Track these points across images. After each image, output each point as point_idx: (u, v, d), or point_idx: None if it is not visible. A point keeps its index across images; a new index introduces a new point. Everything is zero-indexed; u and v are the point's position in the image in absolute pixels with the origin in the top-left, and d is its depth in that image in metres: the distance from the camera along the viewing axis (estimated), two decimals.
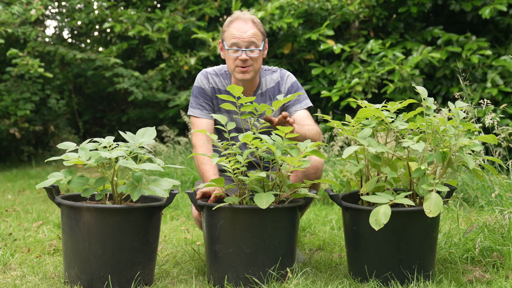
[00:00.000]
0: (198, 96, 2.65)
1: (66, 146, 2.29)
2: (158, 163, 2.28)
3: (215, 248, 2.21)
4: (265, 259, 2.18)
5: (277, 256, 2.19)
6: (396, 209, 2.16)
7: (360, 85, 5.63)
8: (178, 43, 7.21)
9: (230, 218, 2.17)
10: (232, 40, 2.54)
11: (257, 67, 2.58)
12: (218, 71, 2.70)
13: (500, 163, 2.54)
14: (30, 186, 5.38)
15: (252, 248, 2.16)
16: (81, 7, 7.70)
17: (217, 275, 2.22)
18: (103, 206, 2.17)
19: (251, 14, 2.62)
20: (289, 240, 2.23)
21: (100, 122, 8.86)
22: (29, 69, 6.45)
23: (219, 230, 2.19)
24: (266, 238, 2.17)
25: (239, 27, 2.55)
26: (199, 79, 2.68)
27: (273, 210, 2.16)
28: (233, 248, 2.17)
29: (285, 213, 2.22)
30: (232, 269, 2.19)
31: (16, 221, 3.62)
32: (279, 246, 2.19)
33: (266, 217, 2.16)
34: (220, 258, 2.20)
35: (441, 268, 2.41)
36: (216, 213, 2.19)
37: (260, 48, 2.55)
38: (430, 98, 2.30)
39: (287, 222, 2.22)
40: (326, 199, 4.14)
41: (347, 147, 2.16)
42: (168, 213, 3.90)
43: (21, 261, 2.63)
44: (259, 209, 2.12)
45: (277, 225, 2.18)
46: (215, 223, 2.20)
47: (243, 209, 2.17)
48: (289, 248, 2.23)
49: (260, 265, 2.17)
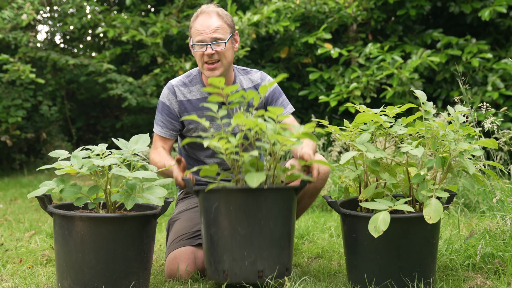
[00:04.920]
0: (162, 113, 2.61)
1: (58, 154, 2.25)
2: (152, 170, 2.24)
3: (211, 232, 2.17)
4: (261, 241, 2.12)
5: (273, 238, 2.14)
6: (396, 215, 2.13)
7: (359, 90, 5.60)
8: (172, 47, 7.17)
9: (225, 200, 2.13)
10: (197, 37, 2.49)
11: (226, 62, 2.52)
12: (186, 79, 2.64)
13: (501, 168, 2.51)
14: (22, 195, 5.32)
15: (247, 230, 2.11)
16: (74, 12, 7.65)
17: (213, 259, 2.18)
18: (97, 215, 2.12)
19: (216, 6, 2.56)
20: (285, 222, 2.18)
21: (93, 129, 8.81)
22: (20, 75, 6.38)
23: (214, 213, 2.15)
24: (261, 219, 2.12)
25: (203, 21, 2.50)
26: (165, 94, 2.61)
27: (268, 190, 2.12)
28: (228, 230, 2.13)
29: (280, 194, 2.17)
30: (228, 252, 2.14)
31: (8, 231, 3.56)
32: (275, 228, 2.14)
33: (261, 198, 2.11)
34: (216, 242, 2.16)
35: (442, 275, 2.37)
36: (211, 197, 2.16)
37: (225, 40, 2.49)
38: (429, 102, 2.27)
39: (282, 204, 2.17)
40: (324, 205, 4.11)
41: (345, 153, 2.12)
42: (163, 221, 3.86)
43: (13, 272, 2.57)
44: (254, 190, 2.07)
45: (272, 206, 2.13)
46: (210, 206, 2.16)
47: (237, 189, 2.13)
48: (285, 231, 2.18)
49: (255, 247, 2.12)
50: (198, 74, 2.65)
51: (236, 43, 2.59)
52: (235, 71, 2.66)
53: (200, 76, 2.64)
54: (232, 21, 2.57)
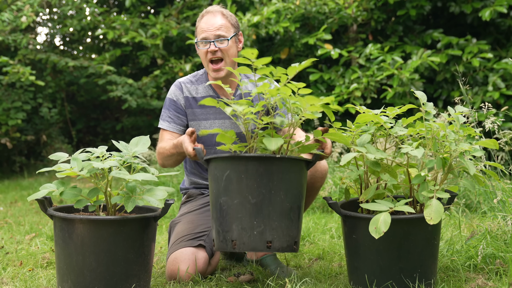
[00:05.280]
0: (169, 109, 2.64)
1: (58, 157, 2.25)
2: (152, 172, 2.24)
3: (221, 201, 2.14)
4: (271, 210, 2.10)
5: (283, 209, 2.12)
6: (396, 216, 2.12)
7: (359, 90, 5.60)
8: (172, 49, 7.16)
9: (236, 168, 2.10)
10: (202, 34, 2.56)
11: (229, 61, 2.56)
12: (193, 78, 2.70)
13: (502, 169, 2.51)
14: (22, 197, 5.32)
15: (257, 199, 2.09)
16: (73, 14, 7.65)
17: (222, 229, 2.15)
18: (97, 217, 2.12)
19: (221, 7, 2.62)
20: (295, 194, 2.15)
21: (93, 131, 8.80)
22: (20, 77, 6.38)
23: (225, 181, 2.12)
24: (272, 188, 2.09)
25: (207, 20, 2.57)
26: (172, 91, 2.67)
27: (280, 159, 2.09)
28: (239, 199, 2.10)
29: (292, 164, 2.14)
30: (237, 221, 2.11)
31: (8, 234, 3.56)
32: (285, 198, 2.12)
33: (273, 167, 2.09)
34: (225, 211, 2.13)
35: (443, 276, 2.37)
36: (222, 164, 2.13)
37: (228, 38, 2.54)
38: (429, 102, 2.26)
39: (293, 175, 2.14)
40: (325, 207, 4.10)
41: (346, 154, 2.12)
42: (164, 223, 3.85)
43: (13, 275, 2.57)
44: (265, 158, 2.06)
45: (283, 176, 2.11)
46: (221, 175, 2.13)
47: (249, 157, 2.09)
48: (295, 203, 2.16)
49: (265, 216, 2.09)
50: (204, 74, 2.70)
51: (240, 43, 2.64)
52: (240, 74, 2.67)
53: (206, 75, 2.69)
54: (236, 21, 2.64)
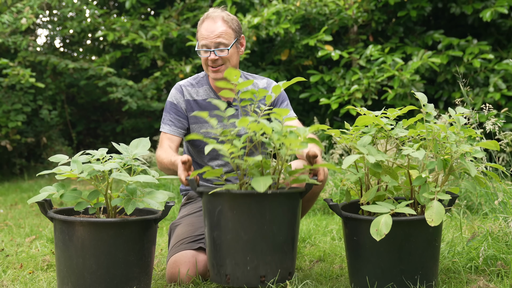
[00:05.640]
0: (170, 112, 2.63)
1: (58, 159, 2.25)
2: (153, 174, 2.23)
3: (214, 235, 2.15)
4: (264, 246, 2.11)
5: (277, 242, 2.13)
6: (397, 218, 2.12)
7: (360, 92, 5.60)
8: (172, 50, 7.16)
9: (229, 204, 2.11)
10: (202, 41, 2.54)
11: (231, 65, 2.56)
12: (193, 80, 2.68)
13: (503, 170, 2.50)
14: (23, 199, 5.31)
15: (250, 235, 2.10)
16: (73, 15, 7.65)
17: (216, 262, 2.17)
18: (97, 220, 2.12)
19: (222, 10, 2.59)
20: (289, 227, 2.16)
21: (94, 133, 8.80)
22: (20, 79, 6.38)
23: (217, 216, 2.13)
24: (265, 224, 2.10)
25: (208, 26, 2.54)
26: (172, 94, 2.66)
27: (272, 195, 2.10)
28: (231, 234, 2.11)
29: (284, 198, 2.15)
30: (230, 256, 2.12)
31: (8, 236, 3.55)
32: (278, 232, 2.12)
33: (265, 202, 2.10)
34: (218, 245, 2.14)
35: (444, 278, 2.36)
36: (214, 199, 2.14)
37: (229, 47, 2.52)
38: (430, 104, 2.26)
39: (286, 208, 2.15)
40: (326, 208, 4.10)
41: (347, 156, 2.11)
42: (164, 225, 3.84)
43: (13, 278, 2.56)
44: (258, 194, 2.06)
45: (276, 211, 2.12)
46: (214, 209, 2.14)
47: (241, 194, 2.11)
48: (289, 236, 2.16)
49: (258, 252, 2.11)
50: (205, 76, 2.70)
51: (241, 47, 2.63)
52: (241, 77, 2.66)
53: (206, 78, 2.68)
54: (238, 25, 2.59)
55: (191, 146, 2.69)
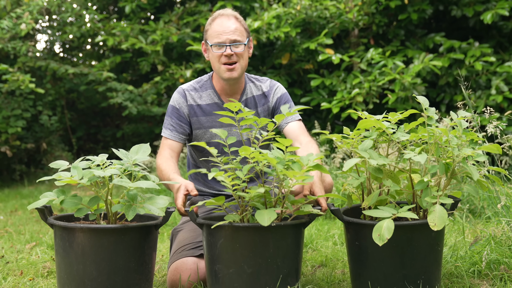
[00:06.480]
0: (172, 117, 2.60)
1: (58, 165, 2.23)
2: (153, 180, 2.22)
3: (216, 268, 2.13)
4: (268, 279, 2.09)
5: (280, 276, 2.11)
6: (400, 223, 2.10)
7: (361, 96, 5.58)
8: (173, 55, 7.16)
9: (231, 237, 2.09)
10: (215, 38, 2.50)
11: (244, 64, 2.54)
12: (197, 84, 2.65)
13: (505, 174, 2.49)
14: (23, 206, 5.29)
15: (253, 268, 2.08)
16: (73, 21, 7.65)
17: None
18: (97, 226, 2.10)
19: (233, 10, 2.58)
20: (293, 259, 2.15)
21: (94, 138, 8.79)
22: (20, 85, 6.37)
23: (219, 249, 2.11)
24: (268, 257, 2.08)
25: (222, 23, 2.51)
26: (175, 98, 2.62)
27: (275, 228, 2.08)
28: (234, 268, 2.09)
29: (288, 230, 2.13)
30: None
31: (9, 243, 3.53)
32: (282, 265, 2.11)
33: (268, 235, 2.08)
34: (220, 279, 2.12)
35: (447, 282, 2.35)
36: (216, 232, 2.11)
37: (244, 42, 2.51)
38: (431, 107, 2.24)
39: (290, 241, 2.14)
40: (327, 213, 4.08)
41: (348, 160, 2.10)
42: (165, 231, 3.83)
43: (13, 285, 2.55)
44: (261, 227, 2.03)
45: (279, 244, 2.10)
46: (215, 242, 2.12)
47: (244, 227, 2.08)
48: (293, 267, 2.15)
49: (262, 285, 2.09)
50: (209, 79, 2.65)
51: (250, 49, 2.62)
52: (245, 79, 2.66)
53: (210, 81, 2.64)
54: (247, 26, 2.60)
55: (195, 150, 2.67)
